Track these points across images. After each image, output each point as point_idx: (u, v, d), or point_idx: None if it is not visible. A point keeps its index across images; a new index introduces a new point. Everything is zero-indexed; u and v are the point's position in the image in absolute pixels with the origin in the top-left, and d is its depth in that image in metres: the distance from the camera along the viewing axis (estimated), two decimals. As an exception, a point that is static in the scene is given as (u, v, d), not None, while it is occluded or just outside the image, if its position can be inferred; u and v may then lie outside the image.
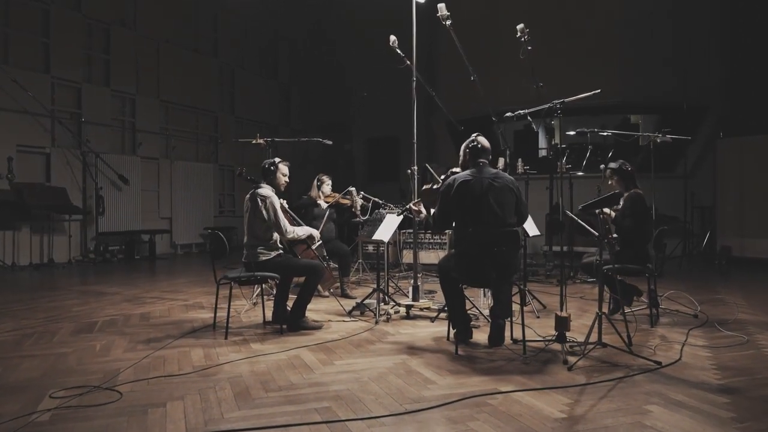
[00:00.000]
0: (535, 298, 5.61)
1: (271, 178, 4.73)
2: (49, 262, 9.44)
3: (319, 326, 4.73)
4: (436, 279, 6.71)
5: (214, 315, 4.81)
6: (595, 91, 3.98)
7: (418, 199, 5.48)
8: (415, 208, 5.16)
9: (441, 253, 8.36)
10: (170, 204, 12.04)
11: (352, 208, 6.28)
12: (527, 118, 4.48)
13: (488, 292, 5.10)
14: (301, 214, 6.44)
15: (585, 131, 5.63)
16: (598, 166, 6.05)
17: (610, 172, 5.17)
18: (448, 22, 5.58)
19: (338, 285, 6.36)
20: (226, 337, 4.38)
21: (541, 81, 5.13)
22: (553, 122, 14.23)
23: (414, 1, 5.66)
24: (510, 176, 4.15)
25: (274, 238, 4.65)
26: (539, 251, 10.84)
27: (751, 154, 9.33)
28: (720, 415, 2.79)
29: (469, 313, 5.05)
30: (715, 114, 11.11)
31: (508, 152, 7.91)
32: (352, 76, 15.20)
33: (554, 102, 4.06)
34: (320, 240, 5.07)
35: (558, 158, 7.54)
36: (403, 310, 5.20)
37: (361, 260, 7.58)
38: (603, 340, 3.94)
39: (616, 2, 11.41)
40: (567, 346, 3.98)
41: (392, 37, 5.68)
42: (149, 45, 11.70)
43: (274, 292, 5.01)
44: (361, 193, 6.20)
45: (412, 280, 5.39)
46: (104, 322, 5.00)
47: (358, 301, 5.46)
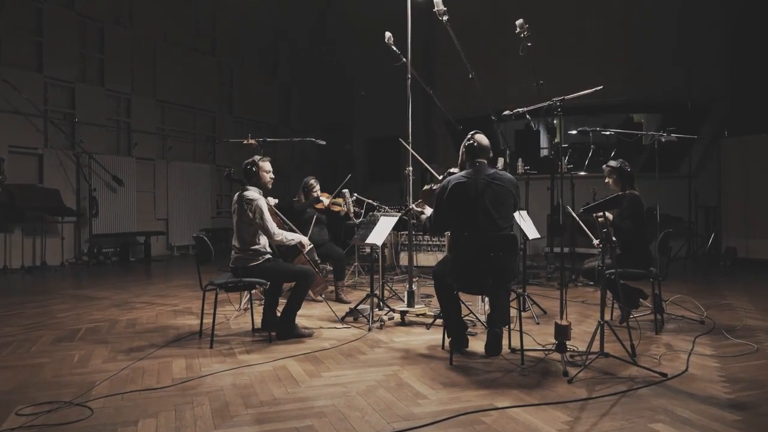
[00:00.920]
0: (534, 303, 5.42)
1: (255, 179, 4.54)
2: (42, 265, 9.28)
3: (309, 334, 4.55)
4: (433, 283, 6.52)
5: (200, 323, 4.62)
6: (597, 88, 3.79)
7: (420, 200, 5.30)
8: (418, 208, 4.98)
9: (440, 255, 8.17)
10: (166, 205, 11.87)
11: (347, 214, 6.10)
12: (526, 117, 4.27)
13: (486, 298, 4.92)
14: (302, 220, 6.21)
15: (587, 130, 5.44)
16: (601, 166, 5.87)
17: (609, 170, 4.99)
18: (445, 18, 5.41)
19: (332, 289, 6.18)
20: (212, 346, 4.20)
21: (544, 80, 4.95)
22: (555, 121, 13.96)
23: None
24: (510, 176, 3.96)
25: (262, 243, 4.47)
26: (540, 252, 10.65)
27: (757, 154, 9.12)
28: (731, 434, 2.60)
29: (466, 319, 4.88)
30: (720, 113, 10.90)
31: (508, 152, 7.77)
32: (353, 76, 15.03)
33: (554, 100, 3.87)
34: (311, 244, 4.88)
35: (559, 158, 7.35)
36: (397, 316, 5.01)
37: (357, 263, 7.39)
38: (606, 349, 3.76)
39: (618, 1, 11.20)
40: (567, 356, 3.80)
41: (387, 34, 5.50)
42: (145, 44, 11.52)
43: (264, 298, 4.83)
44: (354, 195, 6.02)
45: (407, 285, 5.20)
46: (88, 330, 4.83)
47: (352, 306, 5.27)
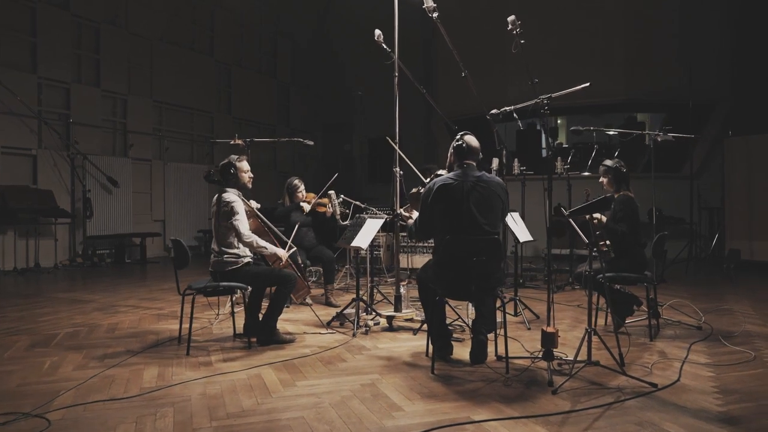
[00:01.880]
0: (526, 307, 5.26)
1: (235, 180, 4.41)
2: (35, 267, 9.19)
3: (291, 339, 4.42)
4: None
5: (179, 328, 4.49)
6: (584, 85, 3.64)
7: (408, 205, 5.16)
8: (406, 213, 4.84)
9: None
10: (163, 206, 11.77)
11: (333, 215, 5.95)
12: (513, 116, 4.12)
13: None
14: (289, 224, 6.06)
15: (580, 129, 5.27)
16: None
17: (603, 170, 4.83)
18: (435, 14, 5.26)
19: (322, 293, 6.05)
20: (188, 353, 4.07)
21: (546, 80, 4.78)
22: (559, 121, 13.77)
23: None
24: (498, 179, 3.80)
25: (242, 246, 4.33)
26: (540, 254, 10.48)
27: (761, 153, 8.91)
28: (718, 452, 2.44)
29: (456, 324, 4.75)
30: (724, 112, 10.69)
31: (505, 152, 7.59)
32: (353, 76, 14.90)
33: (541, 98, 3.71)
34: (294, 248, 4.74)
35: (555, 158, 7.16)
36: (384, 321, 4.87)
37: (348, 265, 7.25)
38: (595, 358, 3.61)
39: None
40: (555, 364, 3.65)
41: (377, 32, 5.37)
42: (142, 44, 11.43)
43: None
44: (341, 196, 5.87)
45: (395, 289, 5.05)
46: (66, 335, 4.71)
47: (339, 311, 5.13)
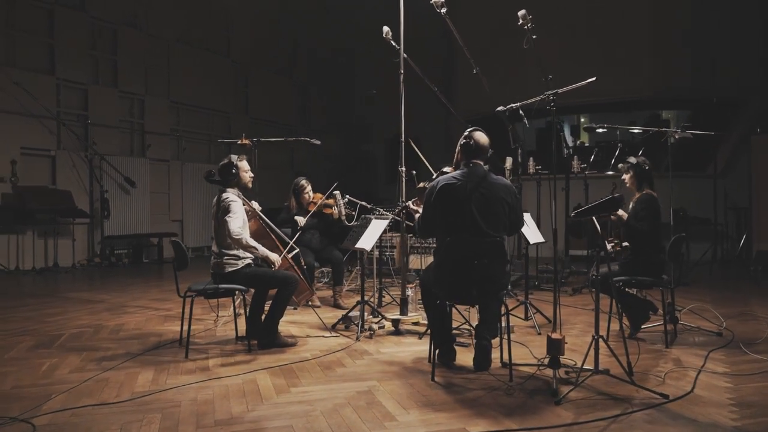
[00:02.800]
0: (538, 311, 5.09)
1: (237, 180, 4.33)
2: (54, 267, 9.28)
3: (292, 343, 4.33)
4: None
5: (180, 331, 4.43)
6: (590, 80, 3.47)
7: (416, 198, 5.04)
8: (414, 207, 4.72)
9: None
10: (181, 206, 11.82)
11: (338, 216, 5.84)
12: (519, 112, 3.97)
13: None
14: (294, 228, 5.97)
15: (593, 126, 5.09)
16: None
17: (626, 167, 4.63)
18: (443, 10, 5.13)
19: (332, 295, 5.95)
20: (187, 356, 4.01)
21: (565, 76, 4.62)
22: (582, 119, 13.41)
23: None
24: (504, 181, 3.64)
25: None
26: (560, 257, 10.25)
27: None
28: (728, 472, 2.27)
29: (463, 328, 4.61)
30: (751, 108, 10.31)
31: (520, 150, 7.41)
32: (372, 75, 14.80)
33: (547, 93, 3.56)
34: (296, 249, 4.64)
35: (572, 157, 6.97)
36: (389, 324, 4.75)
37: (359, 267, 7.12)
38: (606, 366, 3.45)
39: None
40: (562, 372, 3.49)
41: (385, 29, 5.26)
42: (159, 45, 11.49)
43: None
44: (347, 197, 5.76)
45: (401, 292, 4.93)
46: (70, 336, 4.69)
47: (345, 313, 5.03)
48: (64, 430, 2.73)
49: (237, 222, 4.17)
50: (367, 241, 4.63)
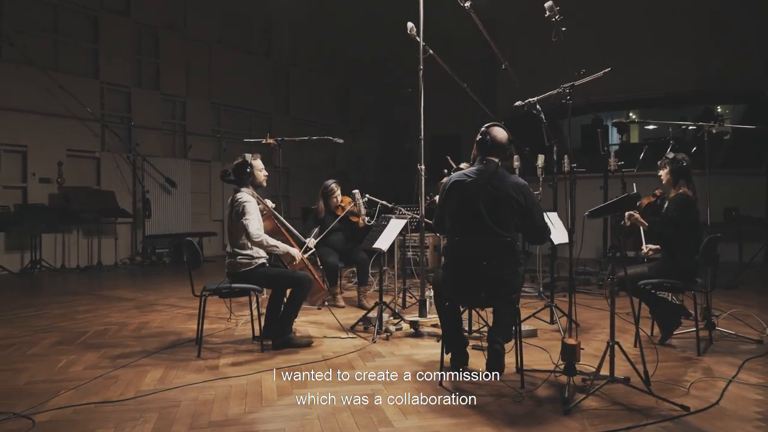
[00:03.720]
0: (564, 314, 4.87)
1: (252, 179, 4.32)
2: (98, 265, 9.57)
3: (307, 343, 4.27)
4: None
5: (197, 329, 4.43)
6: (606, 70, 3.28)
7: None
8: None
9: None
10: (222, 206, 12.01)
11: (363, 224, 5.77)
12: (536, 107, 3.80)
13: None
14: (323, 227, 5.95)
15: (624, 122, 4.84)
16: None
17: (663, 162, 4.35)
18: (467, 4, 5.00)
19: (330, 297, 5.89)
20: (199, 355, 4.02)
21: (612, 71, 4.41)
22: (632, 115, 12.95)
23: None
24: (517, 179, 3.47)
25: (255, 247, 4.23)
26: (599, 259, 9.88)
27: None
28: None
29: (483, 331, 4.46)
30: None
31: (555, 148, 7.16)
32: (412, 74, 14.68)
33: (563, 86, 3.39)
34: (312, 249, 4.59)
35: (608, 155, 6.67)
36: (407, 326, 4.65)
37: (386, 267, 7.03)
38: (626, 374, 3.24)
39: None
40: (578, 380, 3.31)
41: (409, 24, 5.15)
42: (200, 47, 11.71)
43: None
44: (366, 195, 5.67)
45: (420, 292, 4.82)
46: (94, 333, 4.78)
47: (364, 314, 4.95)
48: (61, 427, 2.75)
49: (255, 224, 4.15)
50: (385, 241, 4.54)
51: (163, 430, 2.70)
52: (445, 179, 3.80)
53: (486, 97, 10.36)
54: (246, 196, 4.22)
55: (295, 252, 4.30)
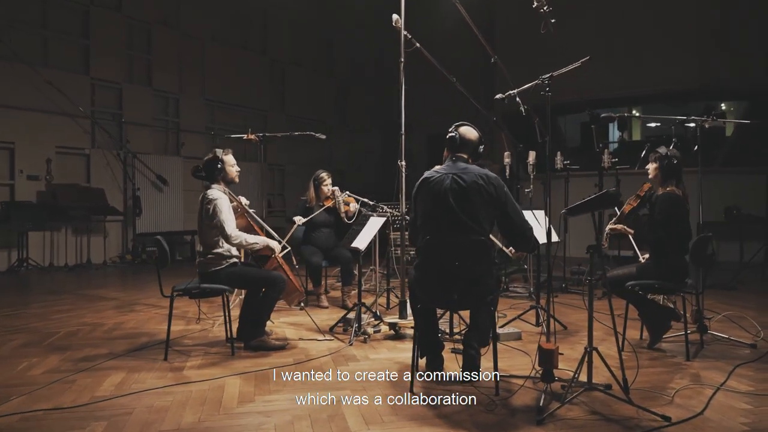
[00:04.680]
0: (552, 317, 4.69)
1: (223, 175, 4.17)
2: (87, 263, 9.44)
3: (280, 346, 4.11)
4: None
5: (167, 331, 4.26)
6: (584, 59, 3.10)
7: None
8: None
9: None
10: (215, 204, 11.85)
11: (348, 207, 5.60)
12: (516, 100, 3.62)
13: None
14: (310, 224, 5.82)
15: (613, 116, 4.65)
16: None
17: (654, 157, 4.14)
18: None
19: (314, 297, 5.74)
20: (166, 358, 3.86)
21: (612, 68, 4.23)
22: (635, 112, 12.61)
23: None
24: (485, 170, 3.31)
25: (226, 246, 4.08)
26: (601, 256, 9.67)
27: None
28: None
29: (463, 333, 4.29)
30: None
31: (548, 145, 6.97)
32: (412, 73, 14.50)
33: (542, 77, 3.21)
34: (288, 248, 4.43)
35: (602, 152, 6.47)
36: (386, 328, 4.48)
37: (373, 267, 6.86)
38: (606, 380, 3.07)
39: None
40: (557, 386, 3.14)
41: (395, 17, 5.00)
42: (193, 43, 11.55)
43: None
44: (345, 192, 5.50)
45: (401, 293, 4.65)
46: (65, 334, 4.64)
47: (343, 315, 4.79)
48: (1, 436, 2.60)
49: (230, 224, 4.02)
50: (362, 240, 4.37)
51: (108, 440, 2.55)
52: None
53: (486, 97, 10.18)
54: (216, 192, 4.07)
55: (275, 244, 4.17)
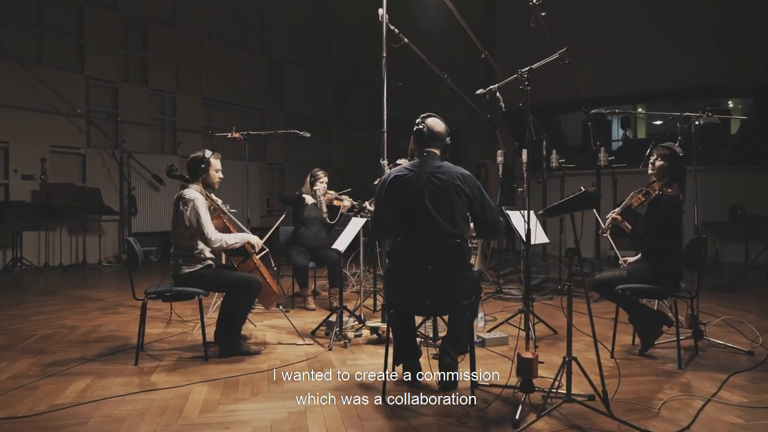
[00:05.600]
0: (540, 320, 4.54)
1: (205, 177, 4.05)
2: (82, 263, 9.37)
3: (255, 351, 3.98)
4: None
5: (138, 335, 4.11)
6: (561, 50, 2.94)
7: (372, 199, 4.62)
8: (371, 207, 4.30)
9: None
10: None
11: (341, 203, 5.47)
12: (497, 95, 3.47)
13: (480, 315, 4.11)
14: (299, 216, 5.74)
15: (603, 112, 4.48)
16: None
17: (663, 153, 3.89)
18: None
19: (300, 299, 5.61)
20: (136, 363, 3.73)
21: (615, 63, 4.05)
22: (640, 109, 12.36)
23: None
24: (461, 170, 3.16)
25: (200, 248, 3.95)
26: (592, 259, 9.47)
27: None
28: None
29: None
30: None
31: (545, 143, 6.81)
32: (411, 71, 14.35)
33: (521, 71, 3.06)
34: (266, 250, 4.30)
35: (598, 150, 6.29)
36: (368, 332, 4.33)
37: (363, 267, 6.71)
38: (590, 391, 2.91)
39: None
40: (537, 396, 2.98)
41: (381, 11, 4.85)
42: (190, 42, 11.45)
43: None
44: (329, 192, 5.35)
45: (384, 296, 4.50)
46: (41, 336, 4.53)
47: (325, 318, 4.65)
48: (-55, 448, 2.49)
49: (210, 227, 3.90)
50: (343, 242, 4.23)
51: (54, 453, 2.42)
52: (381, 179, 3.49)
53: (485, 96, 9.99)
54: (192, 192, 3.94)
55: (255, 239, 4.08)
